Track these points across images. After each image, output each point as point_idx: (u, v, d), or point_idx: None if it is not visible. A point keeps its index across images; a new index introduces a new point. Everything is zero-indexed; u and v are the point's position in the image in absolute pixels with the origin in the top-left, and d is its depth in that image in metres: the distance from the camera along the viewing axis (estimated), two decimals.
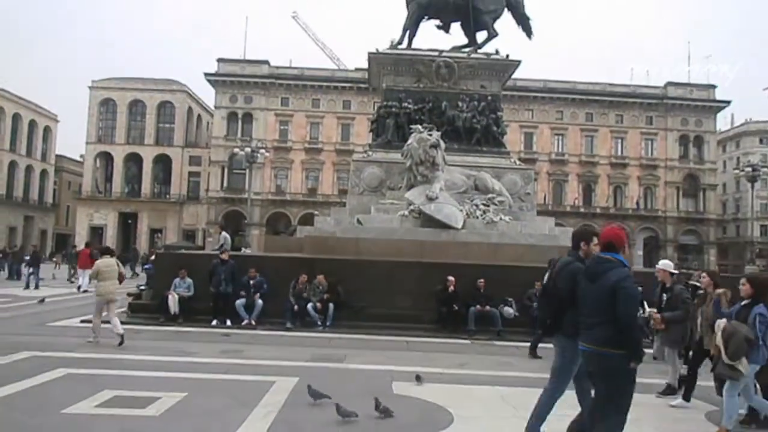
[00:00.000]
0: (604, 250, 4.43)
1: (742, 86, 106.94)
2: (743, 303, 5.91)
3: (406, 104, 17.63)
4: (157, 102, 62.55)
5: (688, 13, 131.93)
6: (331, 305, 12.17)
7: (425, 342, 11.09)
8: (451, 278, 12.19)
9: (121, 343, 9.43)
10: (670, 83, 60.76)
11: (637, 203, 59.86)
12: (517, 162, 19.17)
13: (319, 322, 12.12)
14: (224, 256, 12.83)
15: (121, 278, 10.32)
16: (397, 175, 16.59)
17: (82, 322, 11.88)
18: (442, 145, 15.61)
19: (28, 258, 24.44)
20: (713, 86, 61.06)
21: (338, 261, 13.22)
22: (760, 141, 70.23)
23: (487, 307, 12.16)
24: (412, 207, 15.32)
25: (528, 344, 10.82)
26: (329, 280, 12.37)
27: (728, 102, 61.12)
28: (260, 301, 12.23)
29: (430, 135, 15.41)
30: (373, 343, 10.78)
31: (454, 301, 12.11)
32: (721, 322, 5.92)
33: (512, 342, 11.40)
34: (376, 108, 20.43)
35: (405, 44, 18.27)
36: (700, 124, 60.65)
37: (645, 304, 7.10)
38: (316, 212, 37.64)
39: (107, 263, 10.11)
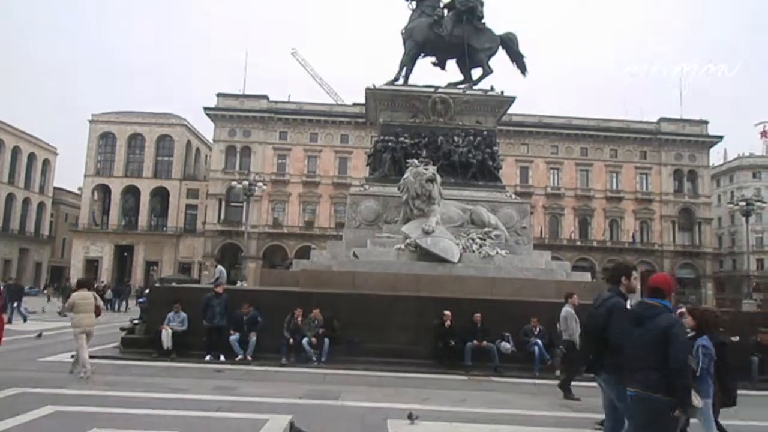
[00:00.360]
0: (651, 295, 4.49)
1: (734, 120, 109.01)
2: (689, 335, 5.92)
3: (402, 139, 17.84)
4: (157, 135, 63.09)
5: (681, 50, 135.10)
6: (326, 340, 12.03)
7: (421, 378, 10.95)
8: (447, 313, 12.10)
9: (71, 372, 9.66)
10: (663, 119, 61.66)
11: (634, 237, 59.98)
12: (513, 196, 19.29)
13: (315, 358, 11.97)
14: (218, 290, 12.75)
15: (98, 311, 10.21)
16: (394, 208, 16.65)
17: (73, 357, 11.70)
18: (439, 179, 15.74)
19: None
20: (705, 122, 61.99)
21: (334, 295, 13.13)
22: (753, 175, 70.99)
23: (484, 343, 12.03)
24: (408, 240, 15.32)
25: (526, 380, 10.70)
26: (325, 315, 12.27)
27: (721, 137, 61.93)
28: (254, 338, 12.08)
29: (427, 169, 15.55)
30: (369, 379, 10.63)
31: (451, 336, 11.99)
32: None
33: (510, 378, 11.25)
34: (373, 142, 20.64)
35: (402, 80, 18.58)
36: (693, 159, 61.34)
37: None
38: (312, 245, 37.62)
39: (83, 296, 10.07)
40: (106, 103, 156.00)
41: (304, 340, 11.99)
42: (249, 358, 11.98)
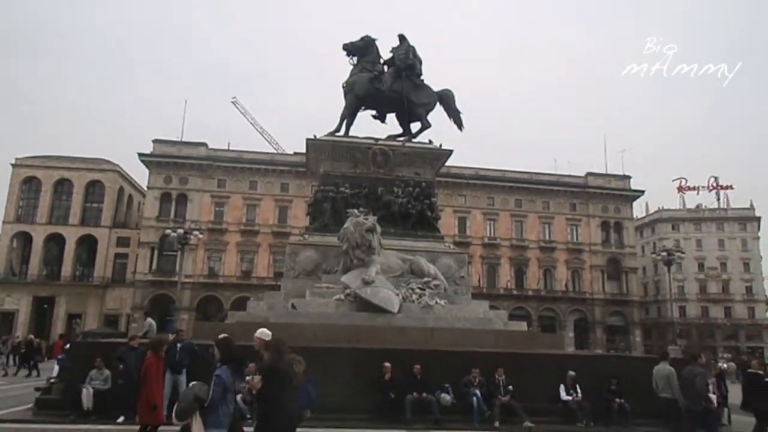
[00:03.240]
0: None
1: (654, 176, 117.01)
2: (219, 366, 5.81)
3: (343, 189, 17.94)
4: (86, 181, 60.46)
5: (605, 109, 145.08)
6: None
7: None
8: (387, 365, 11.95)
9: None
10: (590, 173, 65.33)
11: (566, 286, 62.11)
12: (452, 246, 19.61)
13: (249, 415, 11.40)
14: (133, 343, 11.97)
15: None
16: (334, 258, 16.53)
17: None
18: (378, 229, 15.84)
19: None
20: (628, 177, 66.16)
21: None
22: (673, 227, 75.97)
23: (424, 395, 11.91)
24: (348, 291, 15.19)
25: None
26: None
27: (642, 191, 66.22)
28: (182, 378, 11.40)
29: (367, 219, 15.63)
30: None
31: (391, 389, 11.80)
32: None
33: (450, 431, 11.13)
34: (313, 192, 20.65)
35: (342, 132, 18.85)
36: (618, 211, 64.99)
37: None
38: (249, 296, 36.59)
39: None
40: (31, 148, 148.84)
41: (239, 397, 11.41)
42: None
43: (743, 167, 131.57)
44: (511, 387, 12.31)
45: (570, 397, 12.53)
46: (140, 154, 56.76)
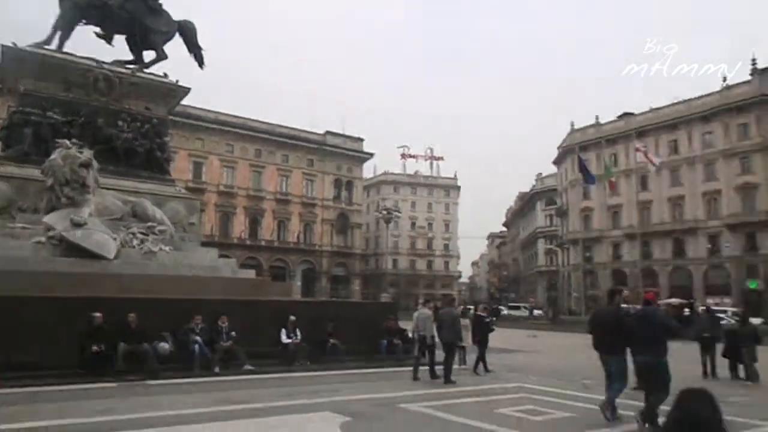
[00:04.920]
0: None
1: (383, 142, 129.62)
2: None
3: (51, 114, 15.23)
4: None
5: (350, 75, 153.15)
6: None
7: (63, 390, 9.44)
8: (97, 314, 10.78)
9: None
10: (328, 132, 68.59)
11: (298, 238, 64.88)
12: (183, 191, 18.53)
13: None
14: None
15: None
16: (34, 195, 14.07)
17: None
18: (95, 165, 13.99)
19: None
20: (362, 139, 71.53)
21: None
22: (394, 189, 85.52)
23: (141, 345, 11.13)
24: (52, 233, 13.14)
25: (184, 380, 10.36)
26: None
27: (372, 154, 72.46)
28: None
29: (81, 152, 13.65)
30: None
31: (100, 340, 10.70)
32: None
33: (167, 380, 10.68)
34: (9, 112, 17.11)
35: (54, 45, 15.91)
36: (351, 171, 70.04)
37: None
38: None
39: None
40: None
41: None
42: None
43: (450, 141, 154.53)
44: (234, 333, 12.36)
45: (290, 340, 13.20)
46: None
